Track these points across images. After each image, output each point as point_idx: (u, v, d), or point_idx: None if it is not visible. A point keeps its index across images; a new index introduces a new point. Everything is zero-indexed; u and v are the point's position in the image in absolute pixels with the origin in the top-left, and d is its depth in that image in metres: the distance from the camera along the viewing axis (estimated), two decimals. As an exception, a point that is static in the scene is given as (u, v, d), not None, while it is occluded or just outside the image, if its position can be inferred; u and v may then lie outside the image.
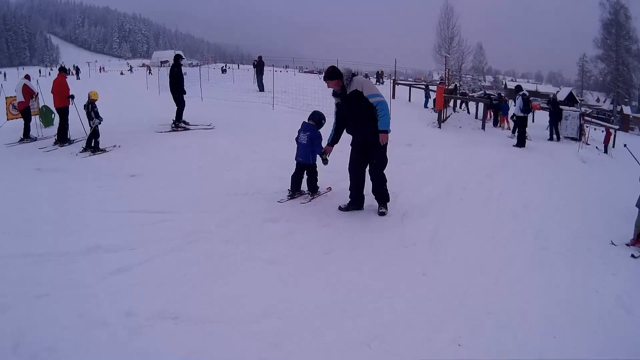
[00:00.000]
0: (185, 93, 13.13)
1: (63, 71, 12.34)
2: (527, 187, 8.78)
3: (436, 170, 9.09)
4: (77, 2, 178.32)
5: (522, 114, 14.24)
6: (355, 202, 6.54)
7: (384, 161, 6.29)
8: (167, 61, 72.95)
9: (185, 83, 13.34)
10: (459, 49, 50.84)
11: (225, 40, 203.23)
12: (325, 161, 6.72)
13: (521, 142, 13.78)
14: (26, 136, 12.36)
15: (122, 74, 58.04)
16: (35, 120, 13.25)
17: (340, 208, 6.56)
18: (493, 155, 11.23)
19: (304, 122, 7.08)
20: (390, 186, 6.53)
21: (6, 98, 13.09)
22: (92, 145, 10.70)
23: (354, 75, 6.10)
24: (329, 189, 7.37)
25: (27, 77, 13.26)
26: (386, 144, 6.12)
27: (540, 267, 5.26)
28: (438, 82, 25.77)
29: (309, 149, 6.85)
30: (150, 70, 45.68)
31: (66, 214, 6.35)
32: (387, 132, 6.04)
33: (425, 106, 21.57)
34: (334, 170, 7.25)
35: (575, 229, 6.71)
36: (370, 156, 6.23)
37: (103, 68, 75.68)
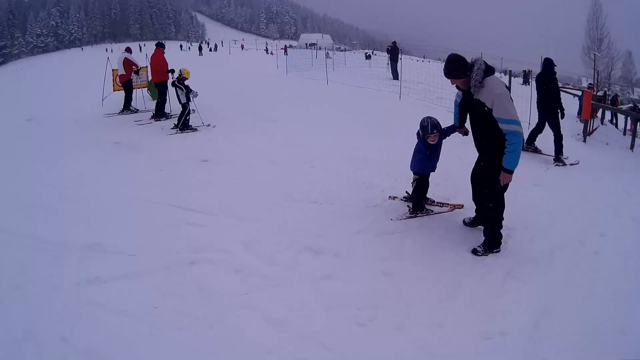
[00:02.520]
0: None
1: (160, 46, 12.52)
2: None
3: (571, 201, 7.06)
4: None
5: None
6: (481, 217, 5.48)
7: (498, 189, 4.91)
8: (314, 43, 75.61)
9: (312, 65, 12.77)
10: (609, 53, 45.96)
11: (375, 27, 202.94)
12: (412, 183, 5.84)
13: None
14: (126, 108, 12.99)
15: (267, 52, 60.61)
16: (142, 92, 13.98)
17: (464, 222, 5.69)
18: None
19: None
20: (508, 215, 5.16)
21: (112, 70, 13.68)
22: (182, 122, 10.70)
23: (487, 73, 4.64)
24: (452, 207, 6.15)
25: (128, 50, 13.69)
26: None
27: None
28: (586, 87, 22.53)
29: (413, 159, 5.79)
30: (286, 50, 46.56)
31: (98, 198, 6.32)
32: (511, 172, 4.68)
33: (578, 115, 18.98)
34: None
35: None
36: (487, 179, 4.98)
37: (242, 46, 79.46)
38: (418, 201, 5.89)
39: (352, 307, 3.96)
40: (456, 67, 4.71)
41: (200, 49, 59.73)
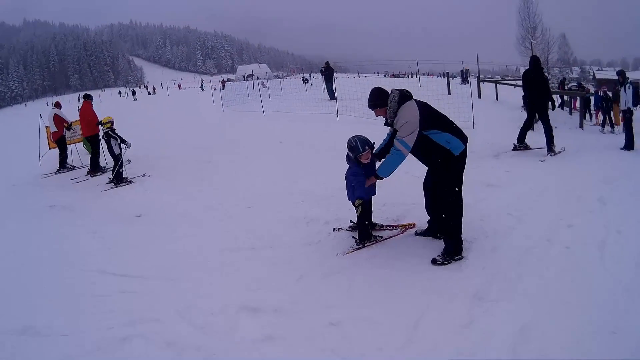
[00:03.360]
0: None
1: (88, 98, 12.24)
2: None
3: (530, 196, 7.09)
4: (157, 25, 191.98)
5: (633, 107, 11.53)
6: (432, 227, 5.56)
7: (452, 184, 5.00)
8: (252, 74, 75.68)
9: (249, 97, 12.80)
10: (543, 39, 47.64)
11: (309, 51, 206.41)
12: (357, 209, 5.51)
13: (631, 144, 10.92)
14: (62, 166, 12.63)
15: (202, 89, 60.70)
16: (77, 147, 13.73)
17: (416, 233, 5.69)
18: (601, 165, 8.82)
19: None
20: (465, 226, 5.10)
21: (46, 127, 13.29)
22: (115, 175, 10.42)
23: (402, 101, 4.97)
24: (403, 227, 5.95)
25: (57, 105, 13.33)
26: (452, 165, 4.96)
27: None
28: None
29: (349, 188, 5.53)
30: (223, 85, 46.46)
31: (29, 272, 5.97)
32: (379, 178, 5.17)
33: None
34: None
35: None
36: (439, 180, 5.13)
37: (180, 86, 79.18)
38: (364, 229, 5.58)
39: None
40: (376, 97, 5.08)
41: (134, 93, 59.64)
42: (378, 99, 5.05)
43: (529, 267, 4.72)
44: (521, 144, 9.94)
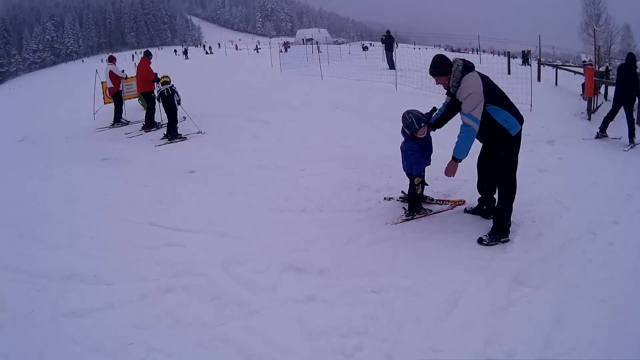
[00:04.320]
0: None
1: (147, 55, 12.24)
2: None
3: (580, 186, 6.70)
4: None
5: None
6: (482, 207, 5.54)
7: (507, 164, 4.91)
8: (311, 38, 75.13)
9: (308, 61, 12.58)
10: (607, 27, 45.63)
11: (371, 19, 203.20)
12: (417, 187, 5.46)
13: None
14: (117, 121, 12.85)
15: (257, 51, 60.71)
16: (134, 102, 14.06)
17: (465, 210, 5.66)
18: None
19: None
20: (514, 208, 5.00)
21: (102, 83, 13.56)
22: (170, 132, 10.59)
23: (465, 71, 4.80)
24: (452, 203, 5.87)
25: (111, 59, 13.41)
26: (508, 145, 4.84)
27: None
28: (585, 62, 21.88)
29: (405, 160, 5.50)
30: (286, 48, 45.89)
31: (80, 220, 6.10)
32: (458, 161, 4.89)
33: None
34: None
35: None
36: (495, 161, 5.02)
37: (237, 47, 79.29)
38: (415, 201, 5.54)
39: (337, 334, 3.58)
40: (439, 65, 4.90)
41: (185, 52, 59.40)
42: (441, 66, 4.89)
43: (571, 258, 4.61)
44: (603, 133, 10.03)
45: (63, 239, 5.51)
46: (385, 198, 6.05)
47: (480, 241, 4.90)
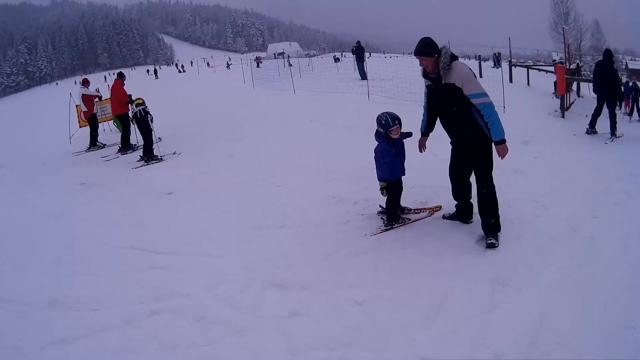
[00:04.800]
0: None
1: (120, 77, 12.27)
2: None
3: (558, 184, 6.85)
4: (186, 2, 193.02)
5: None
6: (460, 212, 5.58)
7: (487, 167, 5.05)
8: (282, 52, 75.34)
9: (280, 75, 12.68)
10: (576, 25, 46.52)
11: (340, 29, 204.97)
12: (382, 192, 5.47)
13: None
14: (93, 144, 12.83)
15: (227, 67, 60.51)
16: (109, 125, 14.25)
17: (444, 216, 5.71)
18: (630, 157, 8.57)
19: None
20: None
21: (77, 106, 13.57)
22: (147, 153, 10.57)
23: (453, 59, 4.93)
24: (430, 210, 5.92)
25: (85, 82, 13.46)
26: (484, 141, 4.96)
27: None
28: (555, 61, 22.39)
29: (375, 163, 5.53)
30: (258, 63, 45.77)
31: (61, 247, 6.10)
32: (503, 142, 4.87)
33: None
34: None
35: None
36: (473, 162, 5.13)
37: (209, 64, 79.04)
38: (392, 211, 5.61)
39: (323, 347, 3.62)
40: (427, 45, 4.97)
41: (155, 72, 59.81)
42: (429, 47, 4.96)
43: (553, 256, 4.71)
44: (592, 129, 10.45)
45: (45, 266, 5.50)
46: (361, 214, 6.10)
47: (492, 246, 4.92)
